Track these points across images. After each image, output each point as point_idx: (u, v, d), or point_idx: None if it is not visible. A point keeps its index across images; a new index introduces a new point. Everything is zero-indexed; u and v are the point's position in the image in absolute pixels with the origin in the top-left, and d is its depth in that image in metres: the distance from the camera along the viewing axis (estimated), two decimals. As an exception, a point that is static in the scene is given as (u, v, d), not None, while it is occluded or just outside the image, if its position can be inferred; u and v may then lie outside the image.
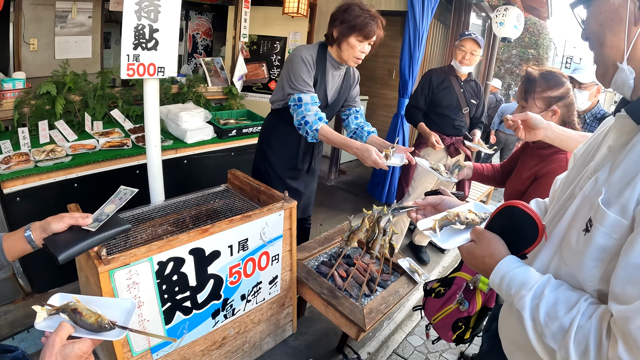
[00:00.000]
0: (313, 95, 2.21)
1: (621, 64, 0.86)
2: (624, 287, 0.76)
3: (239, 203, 2.22)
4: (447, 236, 1.15)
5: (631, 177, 0.81)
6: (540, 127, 1.64)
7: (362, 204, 4.76)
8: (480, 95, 3.58)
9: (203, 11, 6.35)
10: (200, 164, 3.23)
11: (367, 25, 2.16)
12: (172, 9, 2.00)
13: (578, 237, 0.90)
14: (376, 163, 1.97)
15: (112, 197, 1.37)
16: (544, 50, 14.90)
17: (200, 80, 4.02)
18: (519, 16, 5.63)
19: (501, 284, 0.95)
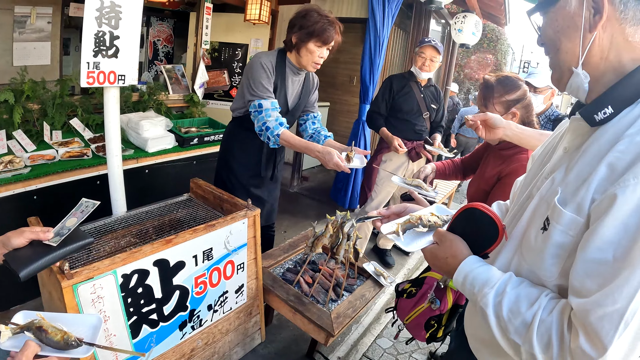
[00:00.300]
0: (273, 101, 2.23)
1: (576, 68, 0.90)
2: (582, 282, 0.80)
3: (202, 212, 2.20)
4: (410, 239, 1.19)
5: (585, 176, 0.85)
6: (500, 126, 1.71)
7: (326, 210, 4.79)
8: (440, 100, 3.68)
9: (164, 17, 6.26)
10: (162, 173, 3.18)
11: (325, 31, 2.20)
12: (133, 16, 1.98)
13: (537, 235, 0.94)
14: (338, 166, 2.00)
15: (74, 210, 1.34)
16: (502, 56, 15.36)
17: (161, 88, 3.96)
18: (477, 23, 5.81)
19: (464, 283, 0.99)
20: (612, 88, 0.87)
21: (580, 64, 0.90)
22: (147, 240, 1.97)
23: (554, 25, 0.94)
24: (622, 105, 0.85)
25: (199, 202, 2.30)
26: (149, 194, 2.96)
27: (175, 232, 1.79)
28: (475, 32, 5.88)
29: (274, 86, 2.31)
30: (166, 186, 3.23)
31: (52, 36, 4.46)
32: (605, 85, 0.89)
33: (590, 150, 0.88)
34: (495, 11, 6.42)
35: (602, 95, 0.88)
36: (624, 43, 0.87)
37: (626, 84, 0.86)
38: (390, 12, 4.51)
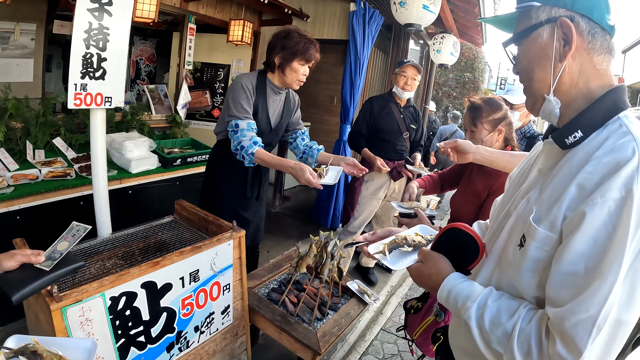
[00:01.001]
0: (250, 122, 2.29)
1: (548, 95, 0.98)
2: (557, 292, 0.86)
3: (188, 234, 2.21)
4: (396, 258, 1.24)
5: (557, 196, 0.91)
6: (470, 151, 1.83)
7: (308, 229, 4.83)
8: (419, 119, 3.77)
9: (147, 36, 6.28)
10: (145, 194, 3.18)
11: (308, 50, 2.30)
12: (121, 38, 2.00)
13: (514, 251, 1.00)
14: (309, 182, 2.05)
15: (65, 233, 1.35)
16: (479, 74, 15.64)
17: (144, 108, 3.98)
18: (455, 43, 5.96)
19: (448, 298, 1.04)
20: (581, 114, 0.94)
21: (552, 91, 0.97)
22: (133, 262, 1.97)
23: (528, 55, 1.02)
24: (591, 130, 0.93)
25: (183, 224, 2.31)
26: (132, 215, 2.97)
27: (162, 254, 1.80)
28: (454, 52, 6.03)
29: (255, 106, 2.37)
30: (150, 207, 3.22)
31: (36, 53, 4.46)
32: (576, 110, 0.96)
33: (562, 171, 0.95)
34: (472, 31, 6.60)
35: (572, 120, 0.95)
36: (593, 71, 0.95)
37: (594, 109, 0.93)
38: (370, 33, 4.62)
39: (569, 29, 0.92)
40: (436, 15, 3.66)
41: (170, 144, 3.83)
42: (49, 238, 1.43)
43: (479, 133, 2.09)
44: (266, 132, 2.48)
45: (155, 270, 1.70)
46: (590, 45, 0.94)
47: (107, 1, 1.88)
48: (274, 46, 2.35)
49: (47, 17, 4.48)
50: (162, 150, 3.52)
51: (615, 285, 0.79)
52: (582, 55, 0.95)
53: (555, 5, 0.95)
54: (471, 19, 5.79)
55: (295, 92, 2.64)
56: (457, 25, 6.21)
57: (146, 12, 3.38)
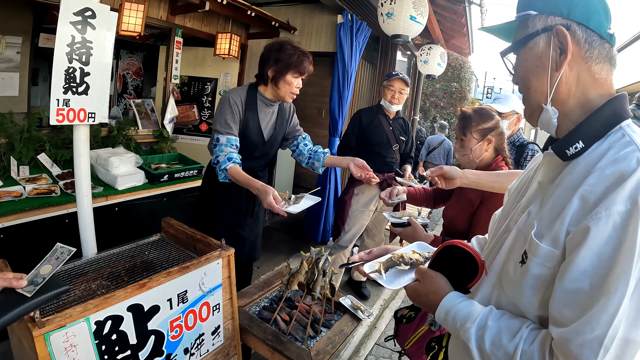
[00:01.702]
0: (230, 137, 2.29)
1: (545, 105, 0.96)
2: (560, 311, 0.83)
3: (175, 253, 2.15)
4: (392, 277, 1.21)
5: (559, 210, 0.88)
6: (456, 176, 1.88)
7: (298, 244, 4.80)
8: (408, 131, 3.77)
9: (134, 50, 6.23)
10: (132, 211, 3.11)
11: (302, 62, 2.30)
12: (105, 52, 1.96)
13: (515, 268, 0.97)
14: (271, 207, 2.03)
15: (48, 256, 1.29)
16: (466, 83, 15.78)
17: (130, 122, 3.91)
18: (443, 54, 6.01)
19: (446, 318, 1.01)
20: (582, 124, 0.92)
21: (549, 100, 0.95)
22: (119, 283, 1.90)
23: (525, 64, 1.00)
24: (592, 140, 0.90)
25: (171, 243, 2.25)
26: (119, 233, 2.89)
27: (149, 275, 1.74)
28: (441, 63, 6.08)
29: (245, 121, 2.36)
30: (137, 224, 3.15)
31: (21, 66, 4.40)
32: (574, 120, 0.95)
33: (563, 183, 0.92)
34: (459, 41, 6.67)
35: (572, 131, 0.93)
36: (591, 80, 0.93)
37: (595, 119, 0.91)
38: (358, 45, 4.62)
39: (565, 37, 0.91)
40: (423, 26, 3.67)
41: (157, 159, 3.78)
42: (33, 258, 1.37)
43: (468, 142, 2.10)
44: (259, 145, 2.47)
45: (142, 293, 1.64)
46: (587, 53, 0.92)
47: (90, 14, 1.84)
48: (267, 58, 2.34)
49: (33, 30, 4.44)
50: (149, 166, 3.47)
51: (622, 302, 0.76)
52: (580, 64, 0.93)
53: (552, 14, 0.94)
54: (458, 29, 5.84)
55: (285, 103, 2.61)
56: (443, 36, 6.26)
57: (132, 26, 3.34)
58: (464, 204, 2.12)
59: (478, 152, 2.10)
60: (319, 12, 5.14)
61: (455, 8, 4.86)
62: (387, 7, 3.53)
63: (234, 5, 4.02)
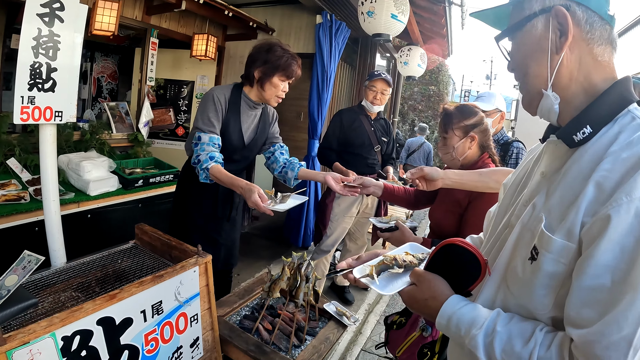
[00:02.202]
0: (213, 136, 2.19)
1: (546, 91, 0.91)
2: (579, 311, 0.76)
3: (150, 261, 2.04)
4: (385, 282, 1.11)
5: (571, 199, 0.82)
6: (438, 177, 1.81)
7: (279, 249, 4.70)
8: (390, 132, 3.73)
9: (109, 53, 6.05)
10: (105, 218, 2.98)
11: (290, 65, 2.24)
12: (73, 47, 1.85)
13: (524, 266, 0.89)
14: (257, 205, 1.94)
15: (14, 265, 1.17)
16: (444, 86, 15.96)
17: (104, 126, 3.77)
18: (423, 55, 6.00)
19: (449, 325, 0.93)
20: (589, 108, 0.87)
21: (550, 86, 0.90)
22: (90, 294, 1.78)
23: (522, 49, 0.96)
24: (600, 125, 0.85)
25: (145, 250, 2.13)
26: (91, 241, 2.77)
27: (121, 285, 1.63)
28: (421, 64, 6.07)
29: (227, 121, 2.27)
30: (110, 232, 3.02)
31: (-8, 69, 4.19)
32: (577, 105, 0.90)
33: (571, 171, 0.86)
34: (439, 43, 6.68)
35: (579, 115, 0.88)
36: (593, 63, 0.89)
37: (602, 102, 0.86)
38: (337, 46, 4.56)
39: (565, 18, 0.86)
40: (404, 25, 3.64)
41: (131, 164, 3.64)
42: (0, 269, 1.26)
43: (450, 139, 2.05)
44: (239, 148, 2.37)
45: (113, 305, 1.52)
46: (589, 35, 0.88)
47: (58, 6, 1.73)
48: (255, 59, 2.27)
49: (4, 31, 4.25)
50: (123, 171, 3.33)
51: None
52: (581, 46, 0.88)
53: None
54: (437, 30, 5.84)
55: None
56: (422, 37, 6.26)
57: (105, 25, 3.23)
58: (451, 205, 2.06)
59: (461, 150, 2.04)
60: (298, 13, 5.08)
61: (435, 8, 4.84)
62: (368, 5, 3.48)
63: (211, 5, 3.93)
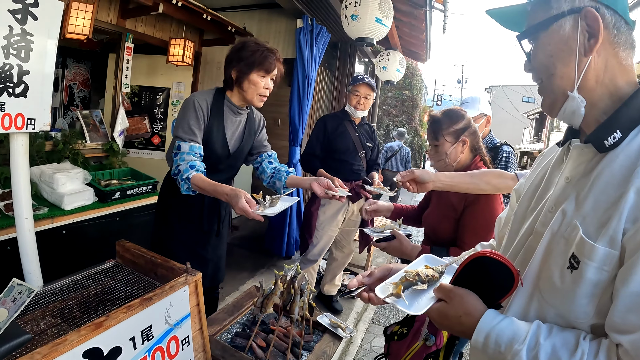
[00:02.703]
0: (193, 145, 2.05)
1: (572, 92, 0.90)
2: (625, 317, 0.75)
3: (134, 281, 1.89)
4: (411, 300, 1.03)
5: (607, 205, 0.82)
6: (429, 180, 1.79)
7: (261, 260, 4.60)
8: (374, 137, 3.70)
9: (81, 59, 5.80)
10: (82, 233, 2.82)
11: (266, 59, 2.11)
12: (47, 48, 1.70)
13: (562, 276, 0.87)
14: (244, 211, 1.79)
15: (2, 296, 1.03)
16: (417, 91, 16.08)
17: (77, 135, 3.57)
18: (401, 60, 6.01)
19: (487, 343, 0.88)
20: (619, 112, 0.87)
21: (576, 88, 0.89)
22: (72, 320, 1.63)
23: (547, 49, 0.93)
24: (629, 129, 0.85)
25: (128, 269, 1.98)
26: (68, 259, 2.60)
27: (105, 309, 1.51)
28: (400, 69, 6.07)
29: (209, 128, 2.14)
30: (88, 249, 2.85)
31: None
32: (603, 109, 0.90)
33: (603, 177, 0.85)
34: (417, 48, 6.69)
35: (609, 119, 0.87)
36: (619, 67, 0.89)
37: (632, 107, 0.86)
38: (318, 51, 4.50)
39: (596, 20, 0.85)
40: (388, 29, 3.61)
41: (107, 175, 3.48)
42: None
43: (442, 146, 2.03)
44: (223, 157, 2.24)
45: (99, 334, 1.38)
46: (615, 39, 0.88)
47: (32, 2, 1.59)
48: (230, 60, 2.16)
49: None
50: (99, 183, 3.18)
51: None
52: (608, 49, 0.88)
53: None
54: (416, 35, 5.84)
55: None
56: (401, 42, 6.24)
57: (79, 28, 3.09)
58: (445, 209, 2.03)
59: (454, 155, 2.03)
60: (276, 17, 5.01)
61: (415, 13, 4.83)
62: (352, 9, 3.43)
63: (189, 8, 3.81)
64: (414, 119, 16.31)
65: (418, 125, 16.73)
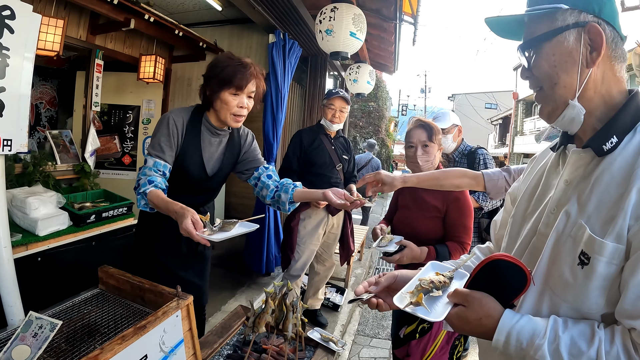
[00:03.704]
0: (158, 162, 1.94)
1: (572, 101, 0.97)
2: (635, 304, 0.82)
3: (121, 309, 1.80)
4: (431, 307, 1.07)
5: (610, 205, 0.89)
6: (396, 178, 2.00)
7: (241, 278, 4.55)
8: (350, 150, 3.72)
9: (47, 77, 5.58)
10: (58, 260, 2.69)
11: (236, 74, 1.93)
12: (24, 64, 1.62)
13: (573, 272, 0.93)
14: (189, 233, 1.66)
15: (19, 330, 0.95)
16: (382, 102, 16.27)
17: (47, 157, 3.43)
18: (371, 72, 6.10)
19: (508, 341, 0.94)
20: (615, 118, 0.95)
21: (577, 97, 0.97)
22: (60, 355, 1.54)
23: (551, 59, 0.99)
24: (624, 134, 0.94)
25: (113, 296, 1.90)
26: (46, 288, 2.48)
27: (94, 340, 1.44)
28: (370, 81, 6.15)
29: (184, 148, 2.04)
30: (66, 276, 2.71)
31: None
32: (598, 116, 0.98)
33: (603, 179, 0.93)
34: (386, 60, 6.78)
35: (607, 126, 0.96)
36: (613, 78, 0.98)
37: (626, 114, 0.95)
38: (290, 65, 4.51)
39: (599, 35, 0.93)
40: (362, 42, 3.65)
41: (80, 197, 3.36)
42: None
43: (431, 148, 2.31)
44: (200, 179, 2.14)
45: (94, 369, 1.32)
46: (613, 53, 0.96)
47: (8, 14, 1.52)
48: (205, 77, 2.04)
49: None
50: (72, 206, 3.05)
51: None
52: (606, 62, 0.96)
53: (584, 10, 0.95)
54: (385, 47, 5.91)
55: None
56: (370, 55, 6.31)
57: (50, 44, 2.99)
58: (428, 211, 2.26)
59: (438, 157, 2.35)
60: (247, 32, 5.00)
61: (385, 25, 4.89)
62: (327, 24, 3.45)
63: (160, 24, 3.75)
64: (381, 129, 16.51)
65: (385, 136, 16.94)
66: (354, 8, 3.50)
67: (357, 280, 5.19)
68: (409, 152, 2.39)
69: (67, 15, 3.45)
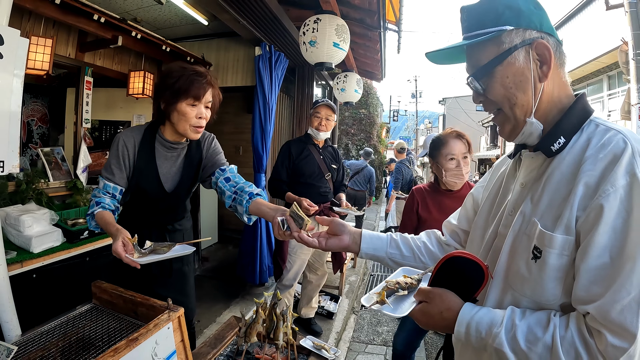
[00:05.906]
0: (107, 184, 1.93)
1: (529, 118, 1.01)
2: (588, 289, 0.87)
3: (114, 322, 1.85)
4: (396, 305, 1.15)
5: (562, 199, 0.94)
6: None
7: (234, 289, 4.59)
8: (339, 159, 3.75)
9: (38, 94, 5.60)
10: (53, 276, 2.73)
11: (193, 83, 1.84)
12: (14, 86, 1.66)
13: (528, 267, 0.99)
14: (118, 255, 1.66)
15: None
16: (373, 108, 16.31)
17: (40, 174, 3.47)
18: (359, 80, 6.15)
19: (468, 332, 0.99)
20: (561, 121, 1.00)
21: (533, 112, 1.01)
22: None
23: (505, 82, 1.01)
24: (571, 135, 0.99)
25: (107, 310, 1.94)
26: (42, 304, 2.51)
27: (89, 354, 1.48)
28: (358, 89, 6.21)
29: (138, 169, 2.00)
30: (61, 292, 2.75)
31: None
32: (551, 121, 1.02)
33: (554, 177, 0.99)
34: (373, 68, 6.84)
35: (553, 128, 1.01)
36: (561, 83, 1.03)
37: (571, 116, 1.00)
38: (277, 77, 4.57)
39: (547, 49, 0.98)
40: (346, 53, 3.71)
41: (73, 214, 3.39)
42: None
43: (468, 160, 2.44)
44: (160, 197, 2.10)
45: (89, 381, 1.36)
46: (559, 61, 1.01)
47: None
48: (157, 89, 1.96)
49: None
50: (65, 223, 3.09)
51: None
52: (554, 71, 1.01)
53: (528, 28, 0.99)
54: (371, 55, 5.98)
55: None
56: (356, 63, 6.38)
57: (39, 63, 3.04)
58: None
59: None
60: (234, 45, 5.05)
61: (370, 34, 4.96)
62: (310, 35, 3.51)
63: (148, 40, 3.81)
64: (372, 136, 16.55)
65: (377, 142, 16.98)
66: (337, 19, 3.57)
67: (351, 288, 5.22)
68: (449, 165, 2.39)
69: (56, 34, 3.49)
